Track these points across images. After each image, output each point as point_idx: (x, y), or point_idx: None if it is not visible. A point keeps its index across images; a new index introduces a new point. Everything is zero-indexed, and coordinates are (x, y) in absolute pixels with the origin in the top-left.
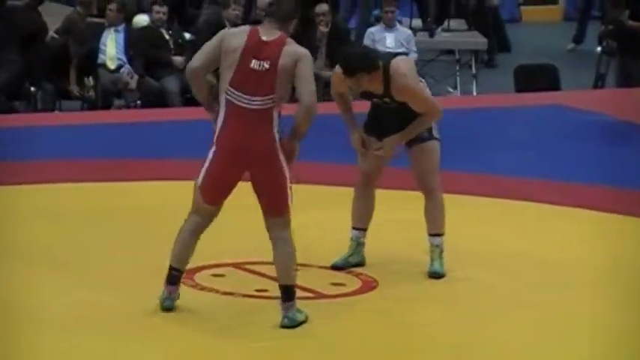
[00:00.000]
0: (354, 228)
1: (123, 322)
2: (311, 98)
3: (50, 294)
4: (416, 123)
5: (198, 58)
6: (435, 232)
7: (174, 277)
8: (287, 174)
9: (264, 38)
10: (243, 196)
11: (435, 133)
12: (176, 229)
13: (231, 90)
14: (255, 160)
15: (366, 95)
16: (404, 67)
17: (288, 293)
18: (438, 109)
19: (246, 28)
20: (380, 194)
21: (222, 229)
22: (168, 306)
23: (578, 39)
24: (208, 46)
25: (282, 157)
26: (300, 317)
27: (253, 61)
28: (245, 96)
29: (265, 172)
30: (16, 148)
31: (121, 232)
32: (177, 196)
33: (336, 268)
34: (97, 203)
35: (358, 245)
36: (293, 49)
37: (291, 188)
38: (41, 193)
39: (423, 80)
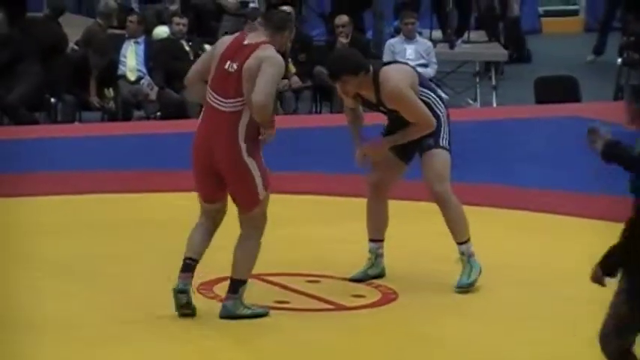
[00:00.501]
0: (370, 240)
1: (140, 331)
2: (258, 97)
3: (68, 306)
4: (406, 131)
5: (193, 67)
6: (458, 240)
7: (186, 266)
8: (254, 173)
9: (245, 42)
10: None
11: (442, 142)
12: None
13: (210, 91)
14: (219, 161)
15: (365, 104)
16: (394, 74)
17: (233, 286)
18: (428, 121)
19: (237, 33)
20: (400, 206)
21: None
22: (180, 289)
23: (599, 50)
24: (204, 54)
25: (247, 158)
26: (240, 311)
27: (228, 62)
28: (218, 97)
29: (230, 172)
30: (36, 159)
31: (141, 244)
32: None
33: (355, 281)
34: (117, 214)
35: (377, 257)
36: (263, 53)
37: (263, 186)
38: (62, 204)
39: (427, 93)
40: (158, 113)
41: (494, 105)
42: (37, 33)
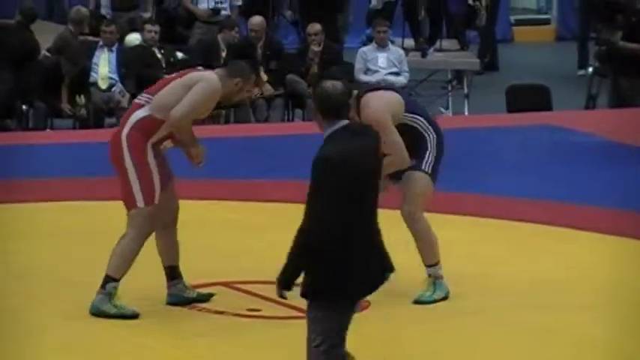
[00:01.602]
0: None
1: (115, 341)
2: (175, 113)
3: (50, 311)
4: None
5: None
6: (426, 263)
7: (166, 275)
8: (130, 174)
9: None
10: (229, 215)
11: (424, 166)
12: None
13: None
14: (110, 150)
15: None
16: (375, 100)
17: (103, 281)
18: (401, 154)
19: None
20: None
21: (212, 249)
22: (168, 301)
23: (584, 63)
24: None
25: (126, 151)
26: (105, 308)
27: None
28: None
29: (111, 156)
30: (7, 166)
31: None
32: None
33: None
34: (88, 222)
35: None
36: (203, 74)
37: (143, 198)
38: (34, 210)
39: (416, 118)
40: None
41: (466, 113)
42: (9, 39)
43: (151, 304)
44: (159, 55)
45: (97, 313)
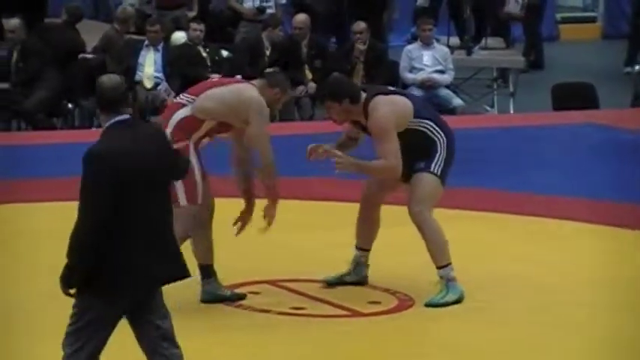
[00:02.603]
0: (356, 247)
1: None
2: (254, 131)
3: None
4: (371, 164)
5: None
6: (436, 264)
7: (201, 273)
8: None
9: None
10: (278, 216)
11: (433, 167)
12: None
13: None
14: None
15: (355, 124)
16: (382, 106)
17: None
18: (392, 165)
19: None
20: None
21: (258, 247)
22: (202, 299)
23: (633, 61)
24: None
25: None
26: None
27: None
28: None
29: None
30: (54, 164)
31: None
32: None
33: (329, 284)
34: None
35: (357, 265)
36: (245, 90)
37: (186, 197)
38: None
39: (424, 123)
40: None
41: (512, 112)
42: (55, 39)
43: (191, 302)
44: (204, 54)
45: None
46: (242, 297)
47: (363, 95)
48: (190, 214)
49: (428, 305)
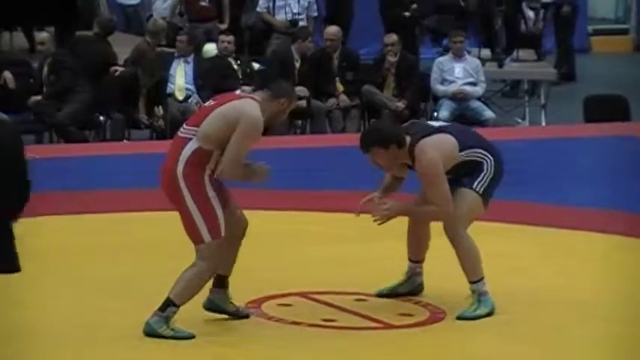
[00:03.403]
0: (409, 260)
1: (183, 350)
2: (225, 167)
3: (119, 322)
4: (424, 209)
5: None
6: (470, 279)
7: (214, 280)
8: (195, 212)
9: (237, 92)
10: (307, 227)
11: (476, 185)
12: (242, 258)
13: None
14: (164, 191)
15: (403, 165)
16: (429, 149)
17: (163, 304)
18: (446, 209)
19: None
20: None
21: (291, 260)
22: (204, 304)
23: None
24: None
25: (183, 188)
26: (161, 330)
27: (210, 101)
28: (183, 126)
29: (169, 196)
30: (86, 177)
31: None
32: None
33: (382, 296)
34: (166, 233)
35: (412, 275)
36: (244, 106)
37: (208, 232)
38: (111, 222)
39: (472, 152)
40: None
41: (543, 124)
42: (87, 52)
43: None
44: (235, 66)
45: (151, 333)
46: (246, 316)
47: (407, 138)
48: (215, 247)
49: (460, 318)
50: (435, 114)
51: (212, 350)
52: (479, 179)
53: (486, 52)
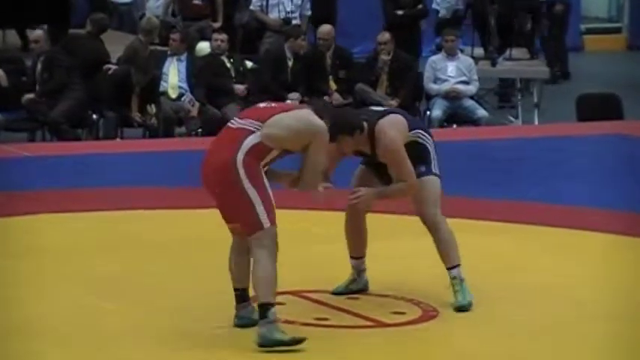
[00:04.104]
0: (351, 257)
1: (179, 351)
2: (307, 187)
3: (112, 321)
4: (394, 186)
5: None
6: (448, 265)
7: (237, 297)
8: (254, 196)
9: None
10: (300, 225)
11: (433, 169)
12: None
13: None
14: (211, 175)
15: (357, 153)
16: (388, 130)
17: (260, 312)
18: (414, 184)
19: None
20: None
21: (282, 258)
22: (236, 324)
23: None
24: None
25: (242, 174)
26: (277, 336)
27: (265, 103)
28: (235, 120)
29: (220, 187)
30: (78, 175)
31: (182, 261)
32: None
33: (337, 294)
34: (158, 231)
35: (359, 272)
36: (313, 119)
37: (268, 218)
38: (103, 221)
39: (415, 133)
40: (199, 130)
41: (536, 122)
42: (80, 49)
43: (213, 313)
44: (228, 65)
45: (271, 343)
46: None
47: (364, 125)
48: (273, 234)
49: (460, 310)
50: (428, 113)
51: (204, 348)
52: (432, 163)
53: (479, 51)
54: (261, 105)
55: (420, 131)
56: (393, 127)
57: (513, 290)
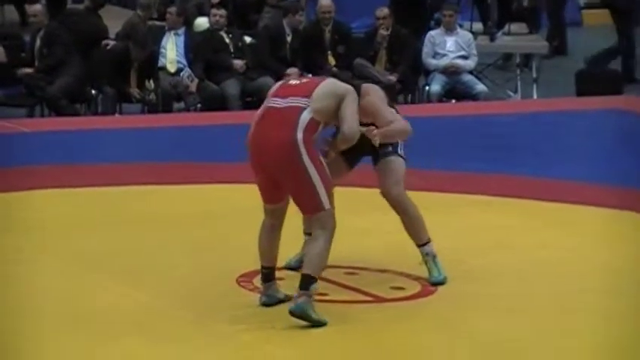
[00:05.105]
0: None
1: (181, 327)
2: (349, 128)
3: (108, 299)
4: (391, 126)
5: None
6: (418, 242)
7: (264, 275)
8: (313, 178)
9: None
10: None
11: (399, 150)
12: (236, 232)
13: (268, 98)
14: (272, 158)
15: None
16: (373, 92)
17: (302, 282)
18: (406, 125)
19: None
20: (439, 198)
21: (283, 233)
22: (264, 302)
23: None
24: None
25: (305, 155)
26: (311, 312)
27: (292, 81)
28: (276, 99)
29: (285, 170)
30: (77, 150)
31: (183, 236)
32: (236, 198)
33: (290, 268)
34: (157, 207)
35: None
36: (343, 84)
37: (328, 197)
38: (102, 196)
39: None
40: (198, 105)
41: (535, 97)
42: (78, 25)
43: (202, 288)
44: (227, 40)
45: (303, 316)
46: (290, 298)
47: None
48: (333, 214)
49: (435, 284)
50: (427, 87)
51: (205, 325)
52: (400, 145)
53: (478, 26)
54: (292, 82)
55: (392, 110)
56: (377, 91)
57: (512, 265)
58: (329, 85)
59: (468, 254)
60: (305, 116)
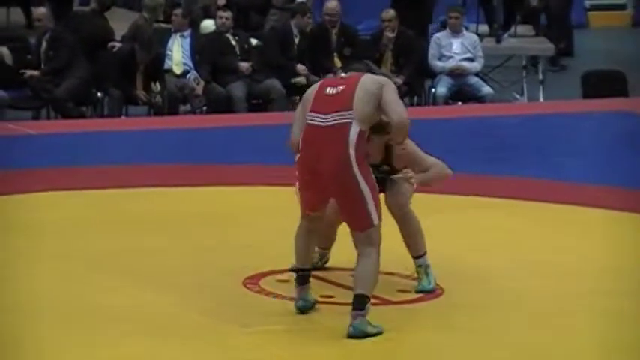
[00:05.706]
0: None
1: (185, 328)
2: (399, 117)
3: (113, 299)
4: (427, 173)
5: (293, 129)
6: (415, 254)
7: (300, 277)
8: (365, 194)
9: (342, 76)
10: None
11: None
12: (242, 234)
13: (309, 114)
14: (325, 175)
15: None
16: (385, 82)
17: (356, 302)
18: (443, 169)
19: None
20: (444, 200)
21: (286, 235)
22: (300, 306)
23: None
24: (297, 112)
25: (357, 172)
26: (368, 329)
27: (327, 89)
28: (318, 116)
29: (337, 186)
30: (83, 153)
31: (187, 238)
32: (242, 201)
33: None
34: (163, 209)
35: (322, 257)
36: (377, 78)
37: (377, 214)
38: (108, 198)
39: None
40: (204, 107)
41: (541, 99)
42: (84, 27)
43: (219, 291)
44: (233, 42)
45: (362, 335)
46: (316, 302)
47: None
48: (379, 230)
49: (420, 292)
50: (433, 90)
51: (211, 326)
52: None
53: (484, 28)
54: (329, 91)
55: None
56: (389, 84)
57: (517, 267)
58: (363, 87)
59: (474, 255)
60: (354, 132)
